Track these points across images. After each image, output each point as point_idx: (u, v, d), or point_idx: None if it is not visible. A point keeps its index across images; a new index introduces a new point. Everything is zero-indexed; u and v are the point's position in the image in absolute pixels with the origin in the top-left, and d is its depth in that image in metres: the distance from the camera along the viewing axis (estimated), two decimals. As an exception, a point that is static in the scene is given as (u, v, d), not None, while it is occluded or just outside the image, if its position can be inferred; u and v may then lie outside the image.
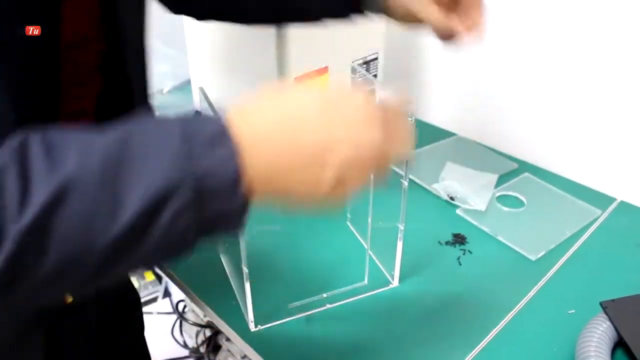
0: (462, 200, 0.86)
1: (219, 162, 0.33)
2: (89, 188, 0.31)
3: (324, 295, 0.68)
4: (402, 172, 0.63)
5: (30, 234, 0.30)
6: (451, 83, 1.11)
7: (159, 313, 1.59)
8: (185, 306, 1.25)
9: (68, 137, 0.33)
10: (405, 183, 0.62)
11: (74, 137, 0.34)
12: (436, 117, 1.15)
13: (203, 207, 0.33)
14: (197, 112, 0.36)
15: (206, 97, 0.60)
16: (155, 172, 0.32)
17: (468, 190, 0.87)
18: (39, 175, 0.31)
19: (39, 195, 0.30)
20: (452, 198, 0.87)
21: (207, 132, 0.34)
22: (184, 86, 1.23)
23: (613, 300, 0.64)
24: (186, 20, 0.99)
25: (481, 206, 0.84)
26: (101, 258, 0.32)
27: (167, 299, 1.66)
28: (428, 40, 1.11)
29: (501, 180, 0.92)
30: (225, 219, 0.35)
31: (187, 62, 1.06)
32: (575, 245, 0.78)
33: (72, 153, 0.32)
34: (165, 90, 1.20)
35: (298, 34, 0.83)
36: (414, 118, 0.48)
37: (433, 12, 0.59)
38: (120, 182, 0.32)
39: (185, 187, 0.32)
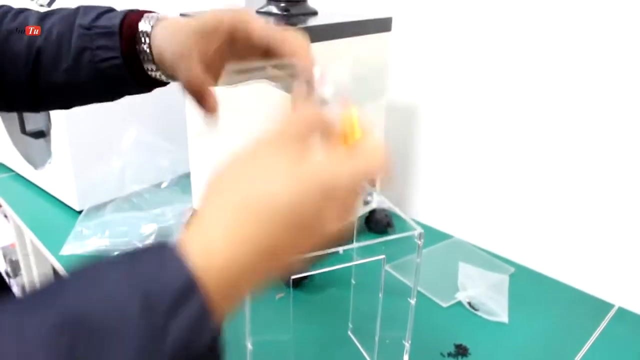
0: (487, 312, 0.86)
1: (192, 327, 0.29)
2: None
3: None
4: (410, 284, 0.64)
5: None
6: (446, 185, 1.14)
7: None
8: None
9: None
10: (412, 302, 0.62)
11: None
12: (432, 218, 1.17)
13: None
14: (149, 257, 0.31)
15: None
16: None
17: (488, 298, 0.88)
18: None
19: None
20: (475, 308, 0.87)
21: (170, 296, 0.29)
22: (182, 180, 1.24)
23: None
24: (189, 116, 1.01)
25: (504, 318, 0.85)
26: None
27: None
28: (420, 141, 1.15)
29: (499, 285, 0.93)
30: None
31: (186, 156, 1.08)
32: (577, 357, 0.78)
33: None
34: (163, 185, 1.21)
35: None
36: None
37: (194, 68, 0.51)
38: None
39: None
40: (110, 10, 0.58)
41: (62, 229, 1.07)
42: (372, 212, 0.99)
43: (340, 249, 0.56)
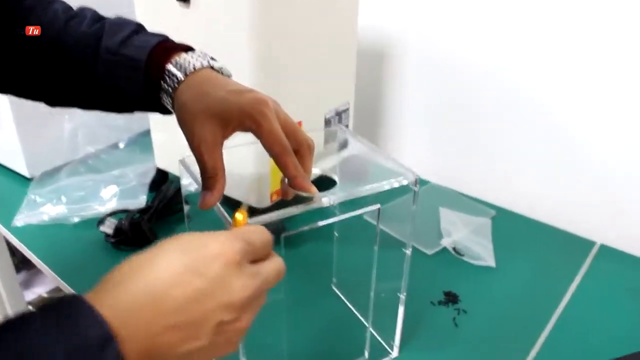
0: (474, 257, 0.83)
1: None
2: None
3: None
4: (394, 234, 0.60)
5: None
6: (423, 130, 1.10)
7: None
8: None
9: None
10: (408, 252, 0.59)
11: None
12: (407, 164, 1.13)
13: None
14: (69, 308, 0.33)
15: (188, 170, 0.56)
16: None
17: (472, 243, 0.86)
18: None
19: None
20: (460, 254, 0.84)
21: (91, 347, 0.31)
22: (140, 139, 1.16)
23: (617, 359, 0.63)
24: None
25: (491, 262, 0.82)
26: None
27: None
28: (392, 85, 1.10)
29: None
30: None
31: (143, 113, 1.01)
32: (565, 297, 0.77)
33: None
34: (121, 145, 1.13)
35: (272, 90, 0.80)
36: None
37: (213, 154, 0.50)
38: None
39: None
40: (137, 31, 0.56)
41: (14, 199, 0.99)
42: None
43: (328, 202, 0.52)
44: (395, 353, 0.67)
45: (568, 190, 0.93)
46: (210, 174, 0.49)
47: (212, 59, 0.55)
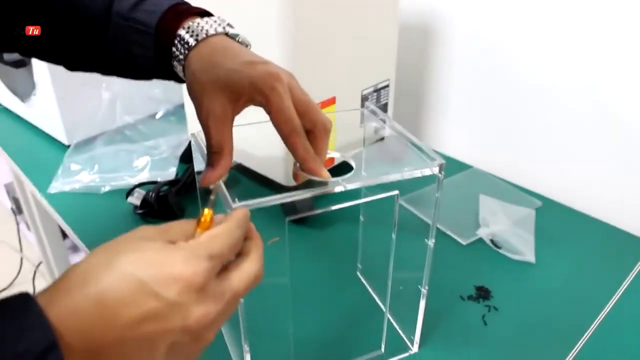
0: (512, 251, 0.78)
1: None
2: None
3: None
4: (426, 219, 0.56)
5: None
6: (467, 111, 1.04)
7: None
8: None
9: None
10: (431, 244, 0.54)
11: None
12: (450, 147, 1.07)
13: None
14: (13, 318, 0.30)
15: (199, 145, 0.53)
16: None
17: (512, 235, 0.80)
18: None
19: None
20: (498, 246, 0.79)
21: (33, 353, 0.29)
22: (178, 110, 1.15)
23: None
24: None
25: (530, 257, 0.76)
26: None
27: None
28: (435, 62, 1.04)
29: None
30: None
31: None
32: (610, 302, 0.70)
33: None
34: (158, 116, 1.12)
35: (304, 62, 0.76)
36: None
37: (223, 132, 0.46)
38: None
39: None
40: None
41: (52, 165, 1.00)
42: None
43: (349, 186, 0.48)
44: (415, 349, 0.63)
45: (622, 182, 0.85)
46: (216, 150, 0.46)
47: (229, 25, 0.51)
